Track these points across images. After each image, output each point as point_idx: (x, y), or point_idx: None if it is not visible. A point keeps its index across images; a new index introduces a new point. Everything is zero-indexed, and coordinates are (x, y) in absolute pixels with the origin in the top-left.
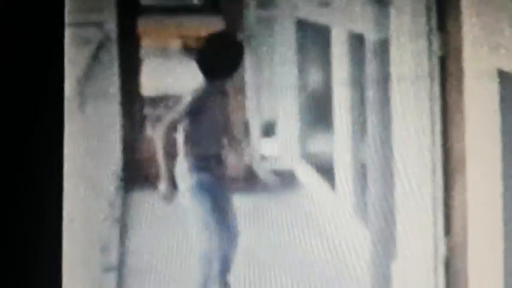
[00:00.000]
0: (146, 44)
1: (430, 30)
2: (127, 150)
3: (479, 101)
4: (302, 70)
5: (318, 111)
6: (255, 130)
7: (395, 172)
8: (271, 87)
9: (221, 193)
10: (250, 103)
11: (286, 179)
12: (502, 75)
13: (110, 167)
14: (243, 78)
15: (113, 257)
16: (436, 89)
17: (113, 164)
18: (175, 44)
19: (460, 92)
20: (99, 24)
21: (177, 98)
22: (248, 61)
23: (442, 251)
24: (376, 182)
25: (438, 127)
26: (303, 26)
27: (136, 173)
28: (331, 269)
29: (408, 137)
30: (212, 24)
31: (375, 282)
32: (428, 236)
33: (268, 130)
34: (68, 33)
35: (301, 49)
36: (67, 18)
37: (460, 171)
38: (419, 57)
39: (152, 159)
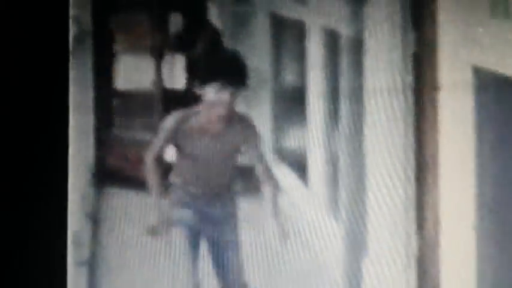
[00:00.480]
0: (120, 39)
1: (404, 26)
2: (99, 145)
3: (454, 97)
4: (276, 65)
5: (291, 107)
6: None
7: (367, 168)
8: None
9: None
10: None
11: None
12: (477, 71)
13: (82, 161)
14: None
15: (85, 252)
16: (410, 91)
17: (85, 159)
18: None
19: (434, 88)
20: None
21: (150, 95)
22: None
23: (413, 247)
24: (348, 178)
25: (411, 124)
26: (277, 21)
27: (108, 168)
28: (302, 264)
29: (381, 132)
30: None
31: (347, 279)
32: (400, 233)
33: None
34: None
35: (276, 44)
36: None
37: (432, 167)
38: (394, 53)
39: (124, 154)
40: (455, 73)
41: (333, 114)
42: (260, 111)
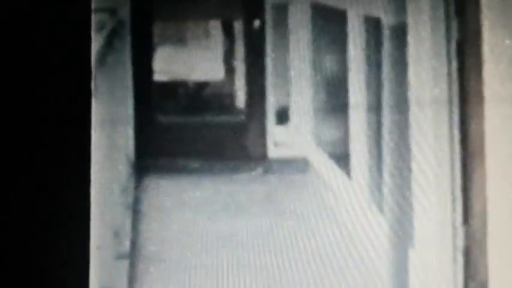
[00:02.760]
0: (160, 30)
1: (448, 15)
2: (140, 136)
3: (499, 84)
4: (317, 55)
5: (332, 97)
6: (270, 116)
7: (413, 158)
8: (286, 73)
9: None
10: (268, 89)
11: (300, 167)
12: None
13: (123, 153)
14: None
15: (126, 244)
16: (454, 75)
17: (126, 151)
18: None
19: (479, 76)
20: (112, 10)
21: (191, 86)
22: (267, 47)
23: (460, 239)
24: (392, 168)
25: (456, 113)
26: (318, 10)
27: (149, 159)
28: (346, 258)
29: (426, 121)
30: (229, 10)
31: (392, 272)
32: (447, 224)
33: (282, 116)
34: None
35: (317, 33)
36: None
37: (479, 158)
38: (437, 42)
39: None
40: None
41: (376, 104)
42: (301, 102)
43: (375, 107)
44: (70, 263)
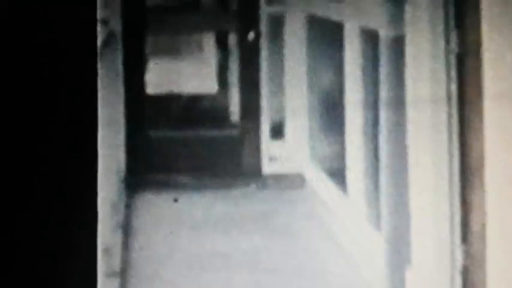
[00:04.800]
0: (153, 42)
1: (447, 27)
2: (131, 151)
3: (499, 98)
4: (313, 68)
5: (328, 112)
6: (265, 130)
7: (410, 175)
8: (281, 87)
9: None
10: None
11: (296, 182)
12: None
13: (113, 168)
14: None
15: (116, 262)
16: (454, 86)
17: (116, 166)
18: (185, 42)
19: (479, 91)
20: (103, 21)
21: (184, 99)
22: (262, 60)
23: (459, 259)
24: (389, 185)
25: (456, 132)
26: (314, 22)
27: (140, 175)
28: (343, 276)
29: (424, 137)
30: (223, 22)
31: None
32: (445, 243)
33: (277, 131)
34: None
35: (313, 46)
36: None
37: (478, 177)
38: (436, 55)
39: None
40: (501, 80)
41: (373, 119)
42: (296, 116)
43: (372, 123)
44: (60, 282)
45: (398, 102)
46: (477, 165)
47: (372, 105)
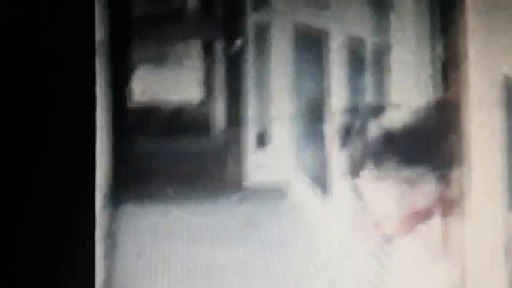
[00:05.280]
0: (138, 51)
1: (433, 35)
2: (115, 162)
3: (482, 107)
4: (299, 76)
5: (314, 119)
6: (250, 140)
7: None
8: (265, 95)
9: None
10: (248, 111)
11: (281, 192)
12: (507, 80)
13: (97, 180)
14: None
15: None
16: (439, 95)
17: (100, 177)
18: (170, 50)
19: (464, 96)
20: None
21: (168, 109)
22: (247, 67)
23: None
24: None
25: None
26: (300, 30)
27: (123, 187)
28: (328, 285)
29: None
30: (208, 30)
31: None
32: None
33: (262, 140)
34: None
35: (299, 54)
36: None
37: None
38: (422, 63)
39: (142, 171)
40: (485, 86)
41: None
42: (281, 125)
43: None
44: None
45: (382, 110)
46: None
47: (358, 111)
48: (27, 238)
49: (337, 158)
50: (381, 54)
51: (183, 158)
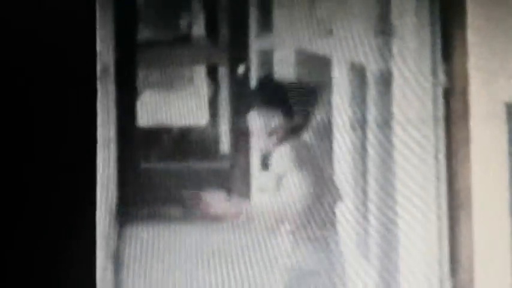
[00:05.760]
0: (144, 75)
1: (434, 62)
2: (122, 183)
3: (486, 136)
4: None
5: (318, 143)
6: (255, 162)
7: (399, 209)
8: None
9: None
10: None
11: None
12: (510, 109)
13: (104, 200)
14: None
15: None
16: (441, 125)
17: (108, 198)
18: (176, 75)
19: (466, 127)
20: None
21: (175, 131)
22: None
23: None
24: (378, 218)
25: (443, 165)
26: (303, 56)
27: (131, 207)
28: None
29: (412, 174)
30: (213, 55)
31: None
32: (434, 277)
33: (267, 162)
34: None
35: (301, 80)
36: None
37: (465, 210)
38: (424, 89)
39: (149, 192)
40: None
41: (360, 150)
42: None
43: (360, 154)
44: None
45: (386, 136)
46: (465, 198)
47: (360, 138)
48: (29, 257)
49: (341, 180)
50: (383, 80)
51: (188, 179)
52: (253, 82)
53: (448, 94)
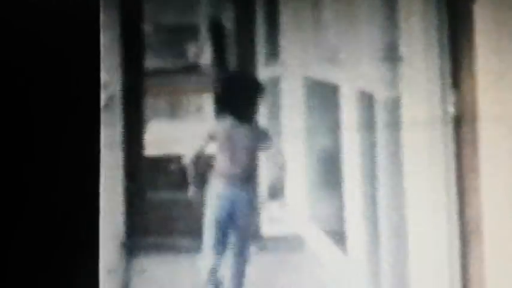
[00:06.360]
0: (151, 104)
1: (443, 88)
2: (130, 213)
3: (495, 163)
4: (310, 129)
5: (327, 173)
6: (263, 191)
7: (410, 236)
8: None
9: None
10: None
11: (295, 244)
12: None
13: (111, 232)
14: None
15: None
16: (451, 151)
17: (115, 229)
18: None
19: (475, 152)
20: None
21: (180, 159)
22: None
23: None
24: (389, 246)
25: (453, 194)
26: (311, 84)
27: (139, 238)
28: None
29: (423, 200)
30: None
31: None
32: None
33: (276, 192)
34: None
35: (310, 108)
36: None
37: (476, 236)
38: (432, 117)
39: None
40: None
41: (371, 179)
42: (295, 177)
43: (370, 182)
44: None
45: (395, 164)
46: (475, 226)
47: (370, 166)
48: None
49: (353, 210)
50: (392, 107)
51: (197, 208)
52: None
53: (457, 121)
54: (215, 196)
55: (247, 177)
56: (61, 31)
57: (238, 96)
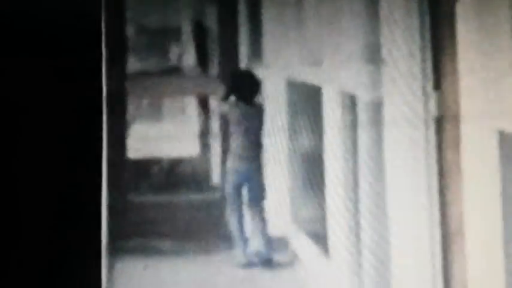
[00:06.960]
0: (134, 106)
1: (425, 89)
2: (112, 217)
3: (478, 163)
4: (293, 132)
5: (309, 174)
6: (246, 194)
7: (392, 236)
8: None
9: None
10: None
11: (278, 246)
12: (502, 136)
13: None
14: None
15: None
16: (433, 152)
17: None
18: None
19: (457, 153)
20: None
21: (165, 163)
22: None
23: None
24: (371, 246)
25: (435, 194)
26: (293, 86)
27: (121, 241)
28: None
29: (404, 202)
30: (204, 86)
31: None
32: None
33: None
34: None
35: (292, 109)
36: None
37: (458, 235)
38: (415, 118)
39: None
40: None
41: (353, 180)
42: (277, 180)
43: (352, 183)
44: None
45: (378, 165)
46: (457, 224)
47: (352, 167)
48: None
49: (335, 212)
50: (374, 109)
51: (179, 211)
52: None
53: (439, 123)
54: (232, 170)
55: (255, 155)
56: (61, 31)
57: (245, 87)
